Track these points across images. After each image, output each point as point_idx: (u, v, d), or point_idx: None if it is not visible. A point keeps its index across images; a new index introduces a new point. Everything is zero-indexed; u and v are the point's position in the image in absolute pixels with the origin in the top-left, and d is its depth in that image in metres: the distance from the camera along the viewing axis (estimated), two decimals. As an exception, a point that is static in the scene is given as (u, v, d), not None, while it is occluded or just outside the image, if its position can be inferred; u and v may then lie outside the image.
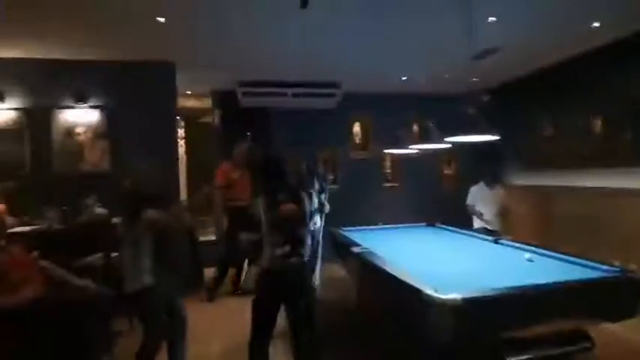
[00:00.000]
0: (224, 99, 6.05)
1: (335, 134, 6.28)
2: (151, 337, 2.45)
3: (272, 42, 4.18)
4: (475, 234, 3.93)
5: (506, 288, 2.03)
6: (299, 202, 2.32)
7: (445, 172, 6.77)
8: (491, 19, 3.60)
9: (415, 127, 6.52)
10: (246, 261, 4.70)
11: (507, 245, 3.37)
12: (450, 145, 3.76)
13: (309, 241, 2.43)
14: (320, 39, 4.08)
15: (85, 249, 3.67)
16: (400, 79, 5.63)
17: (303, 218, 2.33)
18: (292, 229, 2.27)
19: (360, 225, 4.36)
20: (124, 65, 4.65)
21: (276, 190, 2.29)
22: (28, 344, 2.44)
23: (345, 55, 4.66)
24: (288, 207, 2.23)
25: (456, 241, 3.82)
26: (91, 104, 4.67)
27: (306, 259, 2.33)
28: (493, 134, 2.87)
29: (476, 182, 4.72)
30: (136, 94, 4.73)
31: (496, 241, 3.52)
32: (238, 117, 5.90)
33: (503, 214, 4.53)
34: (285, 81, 5.52)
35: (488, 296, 1.95)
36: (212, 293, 4.42)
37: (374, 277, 2.77)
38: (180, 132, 6.67)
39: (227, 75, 5.33)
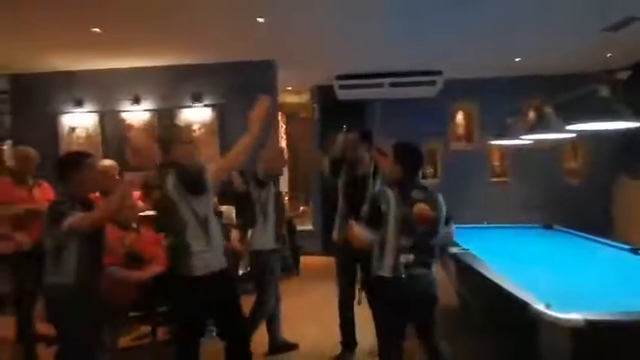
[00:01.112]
0: (322, 93, 6.15)
1: (435, 125, 5.89)
2: (264, 296, 2.68)
3: (367, 32, 4.08)
4: (606, 241, 3.27)
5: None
6: (434, 203, 2.02)
7: (569, 165, 5.83)
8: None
9: (531, 114, 5.74)
10: None
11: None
12: (573, 135, 3.18)
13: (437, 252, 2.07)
14: (417, 24, 3.83)
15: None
16: (513, 60, 5.00)
17: (435, 224, 2.01)
18: (422, 234, 1.98)
19: (462, 223, 3.98)
20: (231, 66, 5.02)
21: (412, 186, 2.02)
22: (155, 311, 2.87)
23: (447, 39, 4.30)
24: (422, 207, 1.95)
25: (579, 248, 3.23)
26: (205, 103, 5.17)
27: (432, 270, 2.04)
28: (633, 120, 2.31)
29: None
30: (241, 92, 5.08)
31: (636, 252, 2.87)
32: (336, 110, 5.94)
33: None
34: (382, 71, 5.36)
35: (624, 321, 1.57)
36: None
37: (473, 283, 2.50)
38: (282, 127, 7.02)
39: (324, 69, 5.39)
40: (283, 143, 7.08)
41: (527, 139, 3.97)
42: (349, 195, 2.75)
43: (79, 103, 5.21)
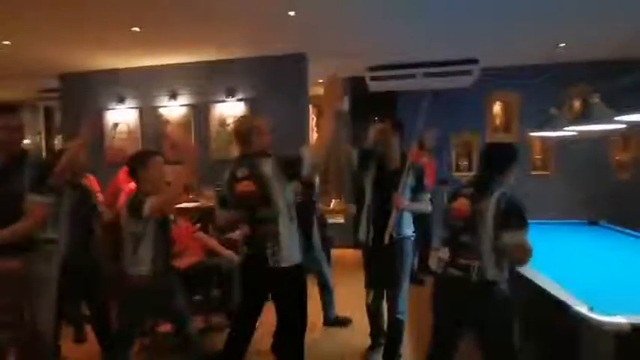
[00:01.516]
0: (353, 85, 6.09)
1: (471, 115, 5.69)
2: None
3: (399, 22, 3.98)
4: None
5: None
6: (482, 199, 1.85)
7: (618, 158, 5.47)
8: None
9: (576, 104, 5.41)
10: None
11: None
12: (622, 126, 2.98)
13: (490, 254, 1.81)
14: (451, 10, 3.69)
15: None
16: (557, 45, 4.72)
17: (472, 220, 1.84)
18: (456, 229, 1.89)
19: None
20: (263, 60, 5.07)
21: (490, 186, 1.89)
22: (189, 296, 2.98)
23: (483, 26, 4.12)
24: (461, 202, 1.89)
25: (626, 246, 3.04)
26: (238, 97, 5.27)
27: (472, 275, 1.80)
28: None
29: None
30: (273, 86, 5.15)
31: (693, 251, 2.67)
32: (368, 103, 5.87)
33: None
34: (415, 62, 5.23)
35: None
36: (417, 276, 4.40)
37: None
38: (313, 119, 7.03)
39: (356, 61, 5.33)
40: (314, 135, 7.10)
41: (571, 131, 3.76)
42: (375, 192, 2.61)
43: (121, 100, 5.47)
